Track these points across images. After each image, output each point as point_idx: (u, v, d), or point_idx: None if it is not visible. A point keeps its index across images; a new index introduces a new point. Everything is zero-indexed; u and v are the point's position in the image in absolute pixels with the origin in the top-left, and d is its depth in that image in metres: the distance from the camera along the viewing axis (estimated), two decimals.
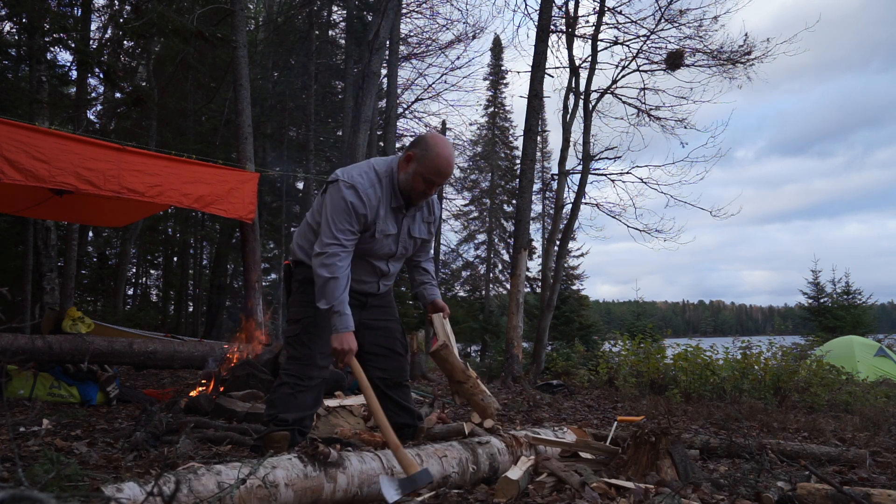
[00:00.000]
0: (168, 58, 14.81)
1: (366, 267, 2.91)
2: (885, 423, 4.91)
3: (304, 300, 2.88)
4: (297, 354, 2.87)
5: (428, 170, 2.69)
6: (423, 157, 2.69)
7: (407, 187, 2.76)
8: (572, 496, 2.39)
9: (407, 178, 2.74)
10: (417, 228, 2.95)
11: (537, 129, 9.62)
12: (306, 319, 2.86)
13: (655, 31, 11.30)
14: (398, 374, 3.08)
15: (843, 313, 18.07)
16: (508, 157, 29.79)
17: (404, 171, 2.75)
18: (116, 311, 15.19)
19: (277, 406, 2.84)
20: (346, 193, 2.67)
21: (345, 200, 2.66)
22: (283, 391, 2.86)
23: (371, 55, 9.65)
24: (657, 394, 6.88)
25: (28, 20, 9.38)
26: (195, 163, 6.20)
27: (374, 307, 3.04)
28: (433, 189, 2.78)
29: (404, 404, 3.09)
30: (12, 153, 4.92)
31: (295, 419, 2.82)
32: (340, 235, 2.66)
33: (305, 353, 2.84)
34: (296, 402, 2.84)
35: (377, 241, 2.82)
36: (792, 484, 2.43)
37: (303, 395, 2.84)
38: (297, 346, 2.87)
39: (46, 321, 5.75)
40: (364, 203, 2.68)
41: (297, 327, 2.88)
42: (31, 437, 3.31)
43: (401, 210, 2.83)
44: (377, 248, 2.84)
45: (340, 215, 2.67)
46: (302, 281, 2.92)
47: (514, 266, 9.08)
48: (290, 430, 2.80)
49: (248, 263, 7.98)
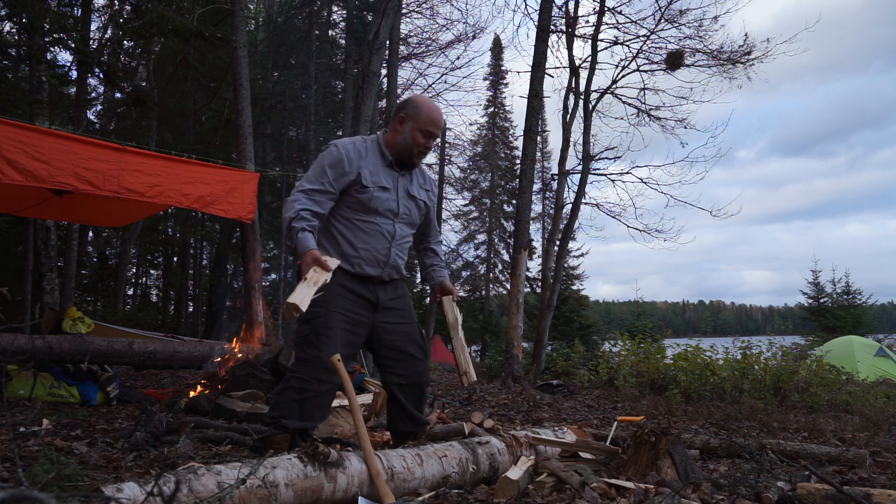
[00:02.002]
0: (168, 58, 14.80)
1: (373, 232, 2.87)
2: (885, 423, 4.91)
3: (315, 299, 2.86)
4: (306, 356, 2.77)
5: (424, 122, 2.87)
6: (416, 113, 2.87)
7: (406, 145, 2.89)
8: (572, 496, 2.39)
9: (405, 138, 2.88)
10: (416, 190, 3.01)
11: (537, 129, 9.62)
12: (317, 320, 2.76)
13: (655, 31, 11.32)
14: (416, 378, 2.99)
15: (843, 313, 18.08)
16: (508, 157, 29.79)
17: (400, 133, 2.89)
18: (116, 311, 15.20)
19: (281, 410, 2.75)
20: (325, 152, 2.87)
21: (322, 157, 2.85)
22: (289, 395, 2.76)
23: (371, 55, 9.65)
24: (657, 394, 6.89)
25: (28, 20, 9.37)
26: (195, 163, 6.19)
27: (388, 309, 2.95)
28: (431, 141, 2.92)
29: (413, 413, 3.00)
30: (12, 153, 4.91)
31: (297, 428, 2.73)
32: (307, 184, 2.81)
33: (314, 354, 2.74)
34: (300, 411, 2.74)
35: (371, 192, 2.84)
36: (792, 484, 2.43)
37: (309, 402, 2.74)
38: (305, 348, 2.78)
39: (46, 321, 5.75)
40: (342, 154, 2.83)
41: (306, 328, 2.79)
42: (31, 437, 3.31)
43: (393, 167, 2.93)
44: (376, 202, 2.85)
45: (315, 169, 2.84)
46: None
47: (514, 266, 9.08)
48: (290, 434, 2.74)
49: (248, 263, 7.98)
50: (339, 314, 2.79)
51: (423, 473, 2.42)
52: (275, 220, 18.07)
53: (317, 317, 2.76)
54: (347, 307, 2.81)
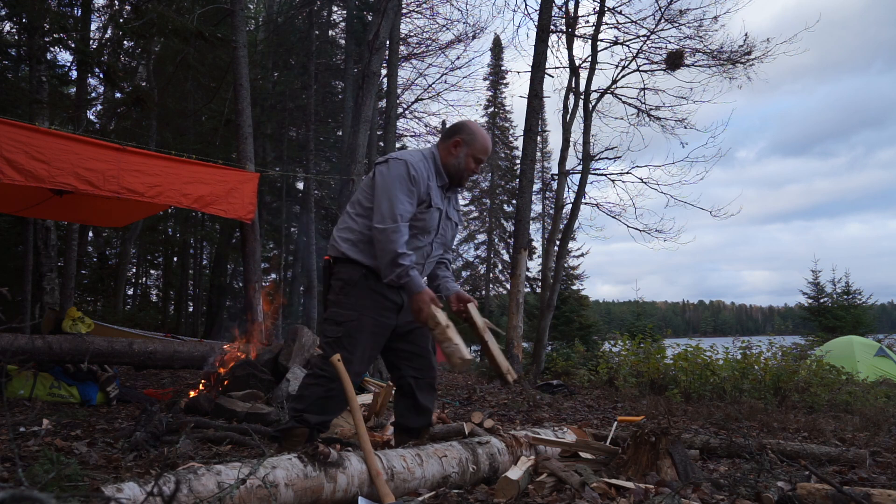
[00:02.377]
0: (168, 58, 14.80)
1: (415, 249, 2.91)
2: (885, 423, 4.91)
3: (348, 302, 2.86)
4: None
5: (478, 150, 2.99)
6: (471, 140, 2.97)
7: (458, 169, 2.98)
8: (572, 496, 2.39)
9: (458, 162, 2.97)
10: (453, 212, 3.10)
11: (537, 129, 9.62)
12: (351, 323, 2.83)
13: (655, 31, 11.32)
14: (431, 373, 3.08)
15: (843, 313, 18.07)
16: (508, 157, 29.80)
17: (454, 156, 2.98)
18: (116, 311, 15.20)
19: (305, 404, 2.84)
20: (400, 167, 2.83)
21: (400, 174, 2.81)
22: (315, 392, 2.85)
23: (371, 55, 9.65)
24: (657, 394, 6.89)
25: (28, 20, 9.37)
26: (195, 163, 6.19)
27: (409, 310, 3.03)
28: (479, 167, 3.05)
29: (427, 406, 3.07)
30: (12, 153, 4.91)
31: (318, 422, 2.84)
32: (400, 207, 2.77)
33: (345, 357, 2.79)
34: (325, 407, 2.85)
35: (432, 213, 2.92)
36: (792, 484, 2.43)
37: (333, 399, 2.84)
38: (336, 349, 2.83)
39: (46, 321, 5.74)
40: (417, 174, 2.85)
41: (340, 330, 2.84)
42: (31, 437, 3.31)
43: (444, 188, 3.00)
44: (430, 222, 2.92)
45: (398, 189, 2.79)
46: (346, 281, 2.88)
47: (514, 266, 9.08)
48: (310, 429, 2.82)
49: (248, 263, 7.98)
50: (371, 319, 2.86)
51: (423, 473, 2.42)
52: (275, 220, 18.07)
53: (349, 320, 2.84)
54: (378, 312, 2.88)
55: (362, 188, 2.98)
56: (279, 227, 18.04)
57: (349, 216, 2.97)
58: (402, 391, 3.06)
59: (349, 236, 2.92)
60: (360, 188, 3.00)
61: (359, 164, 9.52)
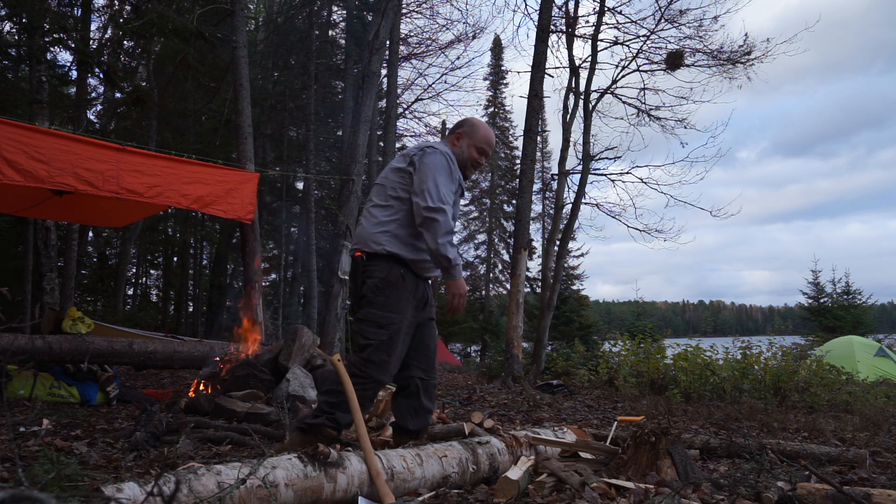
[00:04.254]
0: (168, 58, 14.80)
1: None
2: (885, 423, 4.91)
3: (387, 304, 2.84)
4: (377, 360, 2.81)
5: (479, 140, 3.11)
6: (472, 132, 3.11)
7: (463, 159, 3.09)
8: (572, 496, 2.39)
9: (462, 152, 3.09)
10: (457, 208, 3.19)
11: (537, 129, 9.62)
12: (392, 327, 2.82)
13: (655, 31, 11.30)
14: (433, 374, 3.09)
15: (843, 313, 18.05)
16: (508, 157, 29.79)
17: (458, 147, 3.10)
18: (116, 311, 15.20)
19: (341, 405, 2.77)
20: (442, 156, 2.93)
21: (443, 162, 2.92)
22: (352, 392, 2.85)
23: (371, 55, 9.65)
24: (657, 394, 6.88)
25: (28, 20, 9.37)
26: (195, 163, 6.18)
27: (428, 306, 3.09)
28: (483, 159, 3.15)
29: (430, 407, 3.08)
30: (12, 153, 4.91)
31: (347, 423, 2.81)
32: (444, 190, 2.85)
33: (384, 359, 2.81)
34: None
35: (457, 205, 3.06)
36: (792, 484, 2.43)
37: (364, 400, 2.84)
38: (378, 352, 2.82)
39: (46, 321, 5.75)
40: (454, 165, 2.99)
41: (383, 333, 2.82)
42: (31, 437, 3.31)
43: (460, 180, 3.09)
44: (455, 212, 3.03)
45: (444, 174, 2.89)
46: (384, 280, 2.85)
47: (514, 266, 9.08)
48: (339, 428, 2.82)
49: (248, 264, 7.98)
50: (408, 321, 2.89)
51: (423, 473, 2.42)
52: (275, 220, 18.05)
53: (392, 323, 2.83)
54: (412, 313, 2.92)
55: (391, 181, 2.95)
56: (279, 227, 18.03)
57: (380, 209, 2.94)
58: (407, 391, 3.04)
59: (387, 229, 2.89)
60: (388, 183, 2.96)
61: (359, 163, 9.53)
